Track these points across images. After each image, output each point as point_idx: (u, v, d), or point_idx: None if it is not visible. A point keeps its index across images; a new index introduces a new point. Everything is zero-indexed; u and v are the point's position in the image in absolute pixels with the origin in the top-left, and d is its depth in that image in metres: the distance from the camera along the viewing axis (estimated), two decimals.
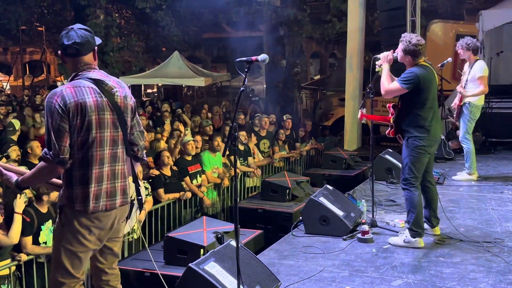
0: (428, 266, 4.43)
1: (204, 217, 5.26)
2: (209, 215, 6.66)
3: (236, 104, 3.50)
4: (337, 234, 5.20)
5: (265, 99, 19.22)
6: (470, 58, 7.00)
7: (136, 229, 5.35)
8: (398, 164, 7.14)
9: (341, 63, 15.88)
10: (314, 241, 5.15)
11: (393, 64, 5.02)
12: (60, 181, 3.24)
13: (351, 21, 11.42)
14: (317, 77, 26.52)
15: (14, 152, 6.69)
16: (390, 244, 4.95)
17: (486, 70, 6.98)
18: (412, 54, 4.80)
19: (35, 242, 4.88)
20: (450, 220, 5.43)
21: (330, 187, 5.87)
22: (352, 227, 5.27)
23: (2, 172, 3.18)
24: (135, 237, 5.76)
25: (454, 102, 7.26)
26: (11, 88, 26.53)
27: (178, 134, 8.66)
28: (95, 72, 3.15)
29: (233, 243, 3.97)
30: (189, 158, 7.18)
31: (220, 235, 4.68)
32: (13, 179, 3.15)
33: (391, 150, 7.85)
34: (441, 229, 5.20)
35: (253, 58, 3.40)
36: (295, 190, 6.84)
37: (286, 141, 9.49)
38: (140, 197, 3.41)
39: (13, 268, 4.68)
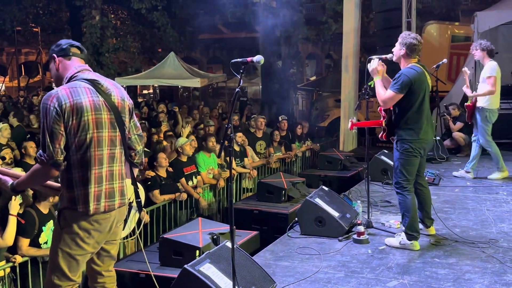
0: (424, 267, 4.44)
1: (200, 218, 5.26)
2: (205, 216, 6.66)
3: (232, 105, 3.50)
4: (333, 235, 5.20)
5: (260, 100, 19.21)
6: (484, 59, 7.04)
7: (137, 231, 5.33)
8: None
9: (337, 64, 15.91)
10: (310, 242, 5.15)
11: (388, 65, 5.01)
12: (57, 184, 3.23)
13: (347, 22, 11.41)
14: (313, 78, 26.53)
15: (7, 155, 6.67)
16: (386, 245, 4.96)
17: (496, 71, 6.97)
18: (408, 47, 4.73)
19: (36, 243, 4.86)
20: (444, 222, 5.45)
21: (326, 188, 5.87)
22: (348, 228, 5.27)
23: None
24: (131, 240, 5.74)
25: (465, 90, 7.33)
26: (6, 89, 26.45)
27: (173, 136, 8.63)
28: (90, 73, 3.17)
29: (229, 244, 3.98)
30: (185, 159, 7.17)
31: (216, 236, 4.68)
32: (9, 183, 3.15)
33: (387, 151, 7.85)
34: (436, 230, 5.22)
35: (249, 59, 3.39)
36: (291, 191, 6.84)
37: (282, 142, 9.49)
38: (139, 200, 3.40)
39: (8, 270, 4.66)
